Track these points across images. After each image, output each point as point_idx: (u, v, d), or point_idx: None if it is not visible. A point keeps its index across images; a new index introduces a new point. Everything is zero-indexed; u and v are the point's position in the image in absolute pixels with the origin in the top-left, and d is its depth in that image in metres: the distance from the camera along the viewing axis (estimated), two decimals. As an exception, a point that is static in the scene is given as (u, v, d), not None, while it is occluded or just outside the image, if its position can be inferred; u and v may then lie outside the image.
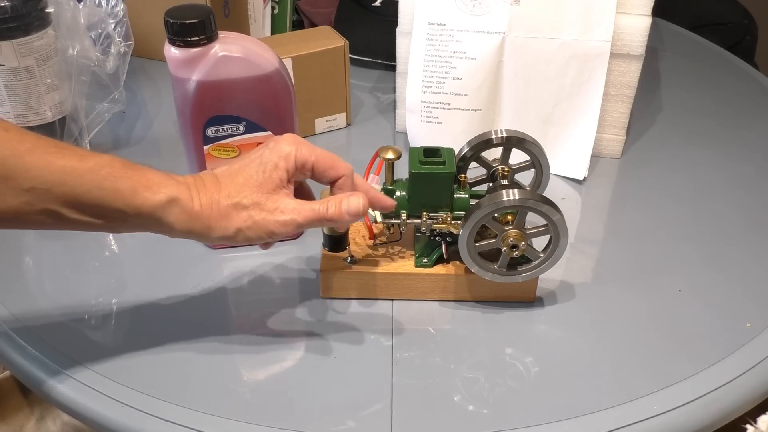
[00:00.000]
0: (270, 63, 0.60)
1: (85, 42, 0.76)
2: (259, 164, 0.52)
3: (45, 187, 0.46)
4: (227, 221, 0.50)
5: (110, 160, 0.48)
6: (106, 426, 0.53)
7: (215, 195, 0.50)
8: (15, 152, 0.45)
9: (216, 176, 0.52)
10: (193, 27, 0.56)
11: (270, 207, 0.51)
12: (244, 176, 0.51)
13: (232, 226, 0.50)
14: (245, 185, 0.51)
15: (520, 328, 0.61)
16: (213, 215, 0.50)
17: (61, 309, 0.62)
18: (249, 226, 0.51)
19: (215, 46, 0.58)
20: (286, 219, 0.51)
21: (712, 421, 0.54)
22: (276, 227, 0.51)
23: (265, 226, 0.51)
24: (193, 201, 0.50)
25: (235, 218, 0.50)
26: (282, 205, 0.51)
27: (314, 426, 0.52)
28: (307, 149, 0.53)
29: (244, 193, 0.51)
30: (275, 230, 0.51)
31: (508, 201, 0.55)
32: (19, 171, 0.45)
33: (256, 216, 0.51)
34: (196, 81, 0.58)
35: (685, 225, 0.72)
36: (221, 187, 0.51)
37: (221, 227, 0.50)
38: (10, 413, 0.82)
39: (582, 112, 0.77)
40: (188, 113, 0.60)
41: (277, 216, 0.51)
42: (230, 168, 0.52)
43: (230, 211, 0.50)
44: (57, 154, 0.46)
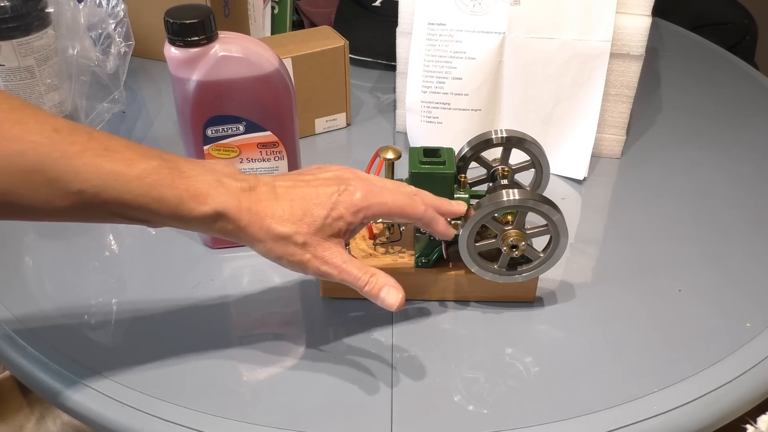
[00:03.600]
0: (270, 63, 0.60)
1: (85, 42, 0.76)
2: (326, 207, 0.50)
3: (93, 191, 0.45)
4: (271, 246, 0.50)
5: (158, 166, 0.47)
6: (106, 426, 0.53)
7: (268, 212, 0.50)
8: (65, 154, 0.45)
9: (275, 190, 0.51)
10: (193, 27, 0.56)
11: (318, 253, 0.51)
12: (305, 210, 0.50)
13: (274, 253, 0.50)
14: (303, 221, 0.50)
15: (520, 328, 0.61)
16: (260, 235, 0.50)
17: (61, 309, 0.62)
18: (290, 261, 0.51)
19: (215, 46, 0.58)
20: (327, 271, 0.51)
21: (712, 421, 0.54)
22: (314, 272, 0.51)
23: (305, 268, 0.51)
24: (241, 216, 0.49)
25: (279, 247, 0.50)
26: (329, 255, 0.51)
27: (314, 426, 0.52)
28: (378, 207, 0.52)
29: (300, 229, 0.50)
30: (312, 273, 0.51)
31: (508, 201, 0.55)
32: (68, 174, 0.45)
33: (301, 256, 0.50)
34: (196, 81, 0.58)
35: (685, 225, 0.72)
36: (276, 206, 0.50)
37: (264, 248, 0.50)
38: (10, 413, 0.82)
39: (582, 112, 0.77)
40: (188, 113, 0.60)
41: (320, 265, 0.51)
42: (294, 188, 0.51)
43: (278, 240, 0.50)
44: (106, 158, 0.46)
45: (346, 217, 0.51)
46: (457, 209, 0.57)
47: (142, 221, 0.48)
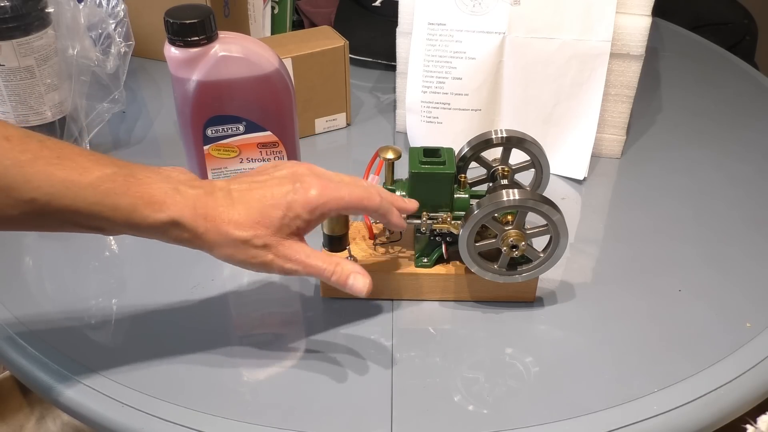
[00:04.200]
0: (270, 63, 0.60)
1: (85, 42, 0.76)
2: (282, 207, 0.50)
3: (46, 199, 0.45)
4: (232, 251, 0.50)
5: (113, 174, 0.47)
6: (106, 426, 0.53)
7: (225, 218, 0.49)
8: (16, 162, 0.44)
9: (231, 194, 0.50)
10: (193, 27, 0.56)
11: (280, 253, 0.51)
12: (261, 212, 0.50)
13: (235, 258, 0.50)
14: (260, 224, 0.50)
15: (520, 328, 0.61)
16: (218, 241, 0.49)
17: (61, 309, 0.62)
18: (253, 263, 0.51)
19: (215, 46, 0.58)
20: (292, 268, 0.51)
21: (712, 421, 0.54)
22: (279, 271, 0.51)
23: (269, 268, 0.51)
24: (197, 224, 0.49)
25: (241, 252, 0.50)
26: (291, 253, 0.51)
27: (314, 426, 0.52)
28: (335, 202, 0.52)
29: (258, 232, 0.50)
30: (278, 272, 0.52)
31: (508, 201, 0.55)
32: (19, 182, 0.44)
33: (263, 257, 0.50)
34: (196, 81, 0.58)
35: (685, 225, 0.72)
36: (233, 211, 0.50)
37: (224, 254, 0.50)
38: (10, 413, 0.82)
39: (582, 112, 0.77)
40: (188, 113, 0.60)
41: (284, 263, 0.51)
42: (249, 191, 0.51)
43: (238, 245, 0.50)
44: (59, 166, 0.45)
45: (302, 215, 0.51)
46: (409, 206, 0.58)
47: (97, 229, 0.48)
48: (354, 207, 0.53)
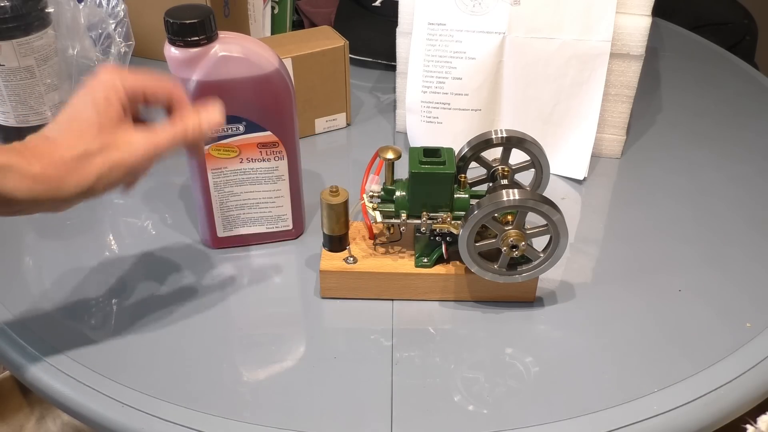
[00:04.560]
0: (270, 63, 0.60)
1: (85, 42, 0.76)
2: (90, 105, 0.48)
3: None
4: (81, 173, 0.47)
5: None
6: (106, 426, 0.53)
7: (54, 153, 0.46)
8: None
9: (46, 136, 0.48)
10: (193, 27, 0.56)
11: (121, 143, 0.48)
12: (79, 123, 0.48)
13: (89, 177, 0.47)
14: (85, 131, 0.47)
15: (520, 328, 0.61)
16: (60, 173, 0.46)
17: (61, 309, 0.62)
18: (108, 169, 0.47)
19: (215, 46, 0.58)
20: (144, 149, 0.48)
21: (712, 421, 0.54)
22: (136, 161, 0.48)
23: (125, 164, 0.48)
24: (31, 164, 0.45)
25: (88, 167, 0.47)
26: (132, 138, 0.48)
27: (314, 426, 0.52)
28: (131, 75, 0.50)
29: (87, 138, 0.47)
30: (137, 165, 0.49)
31: (508, 201, 0.55)
32: None
33: (112, 157, 0.47)
34: (196, 81, 0.58)
35: (685, 225, 0.72)
36: (58, 144, 0.47)
37: (75, 182, 0.47)
38: (10, 413, 0.82)
39: (582, 112, 0.77)
40: None
41: (133, 150, 0.48)
42: (59, 121, 0.49)
43: (80, 163, 0.47)
44: None
45: (111, 97, 0.48)
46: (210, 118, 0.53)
47: None
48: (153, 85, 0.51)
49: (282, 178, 0.65)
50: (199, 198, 0.65)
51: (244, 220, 0.67)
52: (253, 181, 0.65)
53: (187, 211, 0.72)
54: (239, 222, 0.67)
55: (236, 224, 0.67)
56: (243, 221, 0.67)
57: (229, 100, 0.60)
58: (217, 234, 0.67)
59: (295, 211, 0.67)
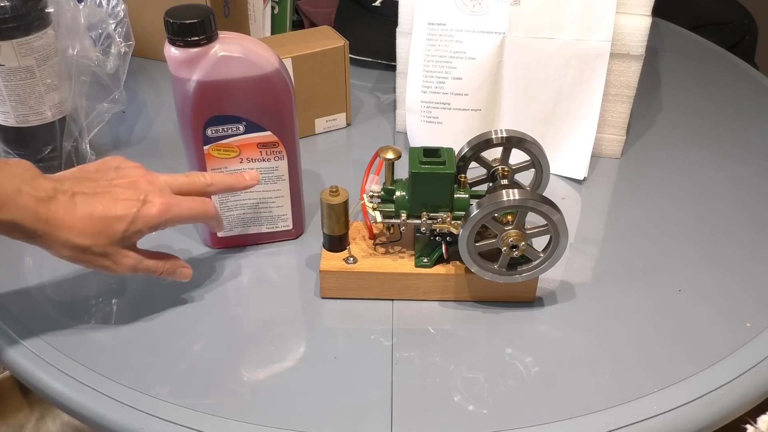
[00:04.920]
0: (270, 63, 0.60)
1: (85, 42, 0.76)
2: (125, 221, 0.54)
3: None
4: (69, 254, 0.53)
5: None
6: (106, 426, 0.53)
7: (66, 224, 0.52)
8: None
9: (74, 200, 0.53)
10: (193, 27, 0.56)
11: (117, 260, 0.55)
12: (104, 224, 0.53)
13: (72, 260, 0.53)
14: (102, 235, 0.53)
15: (520, 328, 0.61)
16: (57, 244, 0.52)
17: (61, 309, 0.62)
18: (89, 266, 0.54)
19: (215, 46, 0.58)
20: (126, 271, 0.56)
21: (712, 421, 0.54)
22: (114, 273, 0.56)
23: (106, 271, 0.55)
24: (38, 227, 0.51)
25: (78, 256, 0.53)
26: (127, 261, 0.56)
27: (314, 426, 0.52)
28: (175, 220, 0.57)
29: (98, 242, 0.53)
30: (112, 273, 0.56)
31: (508, 201, 0.55)
32: None
33: (101, 262, 0.54)
34: (196, 81, 0.58)
35: (685, 225, 0.72)
36: (75, 218, 0.52)
37: (61, 255, 0.53)
38: (10, 413, 0.82)
39: (582, 112, 0.77)
40: (188, 113, 0.60)
41: (119, 268, 0.55)
42: (92, 197, 0.54)
43: (77, 250, 0.53)
44: None
45: (143, 230, 0.55)
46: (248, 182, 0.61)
47: None
48: (192, 221, 0.61)
49: (282, 178, 0.65)
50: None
51: (244, 221, 0.67)
52: None
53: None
54: (239, 222, 0.67)
55: (236, 224, 0.67)
56: (243, 221, 0.67)
57: (229, 100, 0.60)
58: (217, 234, 0.67)
59: (295, 211, 0.67)
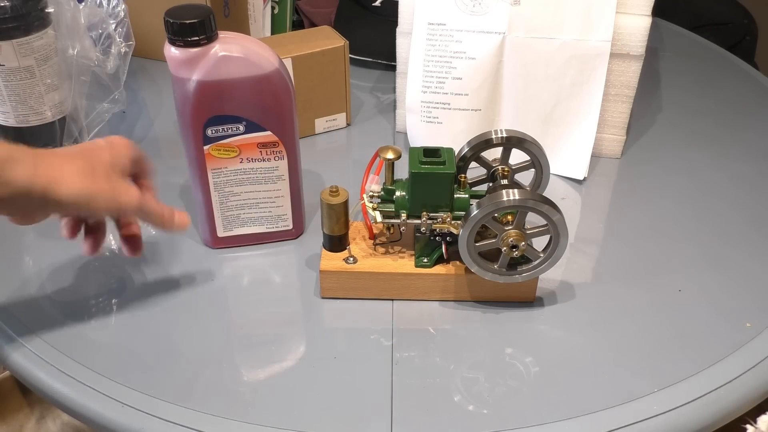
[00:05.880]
0: (270, 63, 0.60)
1: (85, 42, 0.76)
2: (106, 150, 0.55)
3: None
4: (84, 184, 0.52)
5: None
6: (106, 426, 0.53)
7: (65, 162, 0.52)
8: None
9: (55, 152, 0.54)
10: (193, 27, 0.56)
11: (122, 187, 0.55)
12: (92, 157, 0.54)
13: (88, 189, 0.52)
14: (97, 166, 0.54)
15: (520, 328, 0.61)
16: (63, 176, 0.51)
17: (61, 309, 0.62)
18: (108, 194, 0.54)
19: (215, 46, 0.58)
20: (137, 201, 0.55)
21: (712, 421, 0.54)
22: (127, 205, 0.55)
23: (120, 202, 0.55)
24: (40, 160, 0.51)
25: (91, 184, 0.53)
26: (132, 189, 0.56)
27: (314, 426, 0.52)
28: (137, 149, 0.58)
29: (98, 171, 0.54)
30: (127, 208, 0.55)
31: (508, 201, 0.55)
32: None
33: (115, 189, 0.54)
34: (196, 81, 0.58)
35: (685, 225, 0.72)
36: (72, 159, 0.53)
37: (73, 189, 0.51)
38: (10, 413, 0.82)
39: (582, 112, 0.77)
40: (188, 113, 0.60)
41: (130, 197, 0.55)
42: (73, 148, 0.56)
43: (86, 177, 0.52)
44: None
45: (125, 155, 0.56)
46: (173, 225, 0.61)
47: None
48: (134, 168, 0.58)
49: (282, 178, 0.65)
50: (199, 198, 0.65)
51: (244, 220, 0.67)
52: (253, 181, 0.65)
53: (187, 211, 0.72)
54: (239, 222, 0.67)
55: (236, 224, 0.67)
56: (243, 221, 0.67)
57: (229, 99, 0.60)
58: (217, 234, 0.67)
59: (295, 211, 0.67)
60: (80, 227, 0.59)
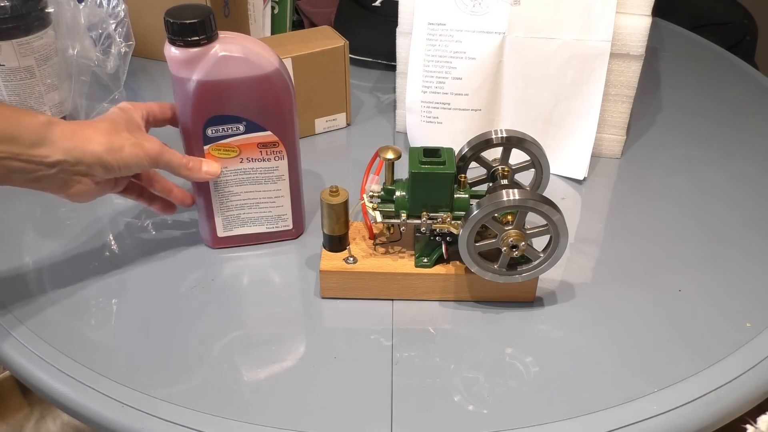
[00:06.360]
0: (270, 63, 0.60)
1: (85, 42, 0.76)
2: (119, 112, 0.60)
3: None
4: (111, 138, 0.57)
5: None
6: (106, 426, 0.53)
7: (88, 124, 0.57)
8: None
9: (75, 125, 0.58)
10: (193, 27, 0.56)
11: (143, 138, 0.59)
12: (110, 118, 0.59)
13: (117, 142, 0.57)
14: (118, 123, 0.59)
15: (520, 328, 0.61)
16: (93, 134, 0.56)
17: (61, 309, 0.62)
18: (131, 145, 0.58)
19: (215, 46, 0.58)
20: (158, 149, 0.59)
21: (712, 421, 0.54)
22: (150, 154, 0.59)
23: (143, 150, 0.58)
24: (66, 125, 0.56)
25: (117, 138, 0.57)
26: (151, 139, 0.60)
27: (314, 426, 0.52)
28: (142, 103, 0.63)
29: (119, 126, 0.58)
30: (149, 158, 0.59)
31: (508, 201, 0.55)
32: None
33: (139, 139, 0.58)
34: (196, 81, 0.58)
35: (685, 225, 0.72)
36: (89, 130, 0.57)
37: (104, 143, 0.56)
38: (10, 413, 0.82)
39: (582, 112, 0.77)
40: (188, 113, 0.60)
41: (151, 146, 0.59)
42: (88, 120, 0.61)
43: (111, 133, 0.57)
44: None
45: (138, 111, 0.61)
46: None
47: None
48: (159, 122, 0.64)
49: (282, 178, 0.65)
50: (199, 198, 0.65)
51: (244, 220, 0.67)
52: (253, 181, 0.65)
53: (187, 211, 0.72)
54: (239, 222, 0.67)
55: (236, 224, 0.67)
56: (243, 221, 0.67)
57: (229, 99, 0.60)
58: (218, 234, 0.67)
59: (295, 211, 0.67)
60: (143, 194, 0.65)
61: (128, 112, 0.60)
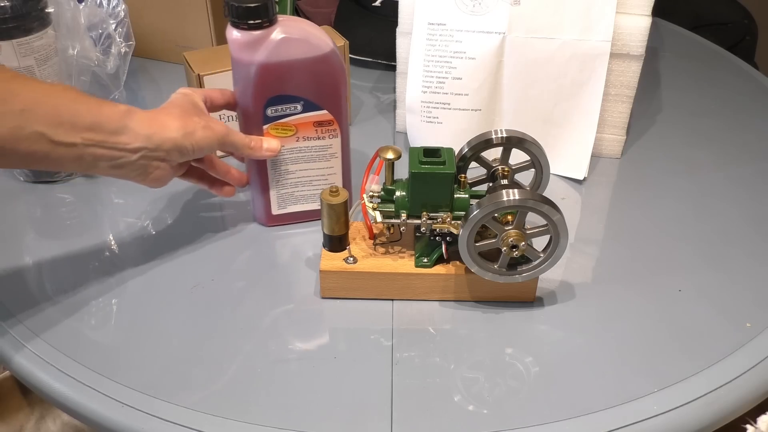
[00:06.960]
0: (327, 44, 0.62)
1: (85, 42, 0.76)
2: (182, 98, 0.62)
3: (33, 107, 0.51)
4: (184, 122, 0.59)
5: (66, 86, 0.56)
6: (106, 426, 0.53)
7: (161, 111, 0.59)
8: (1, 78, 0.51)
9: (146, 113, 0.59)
10: (257, 10, 0.58)
11: (210, 121, 0.61)
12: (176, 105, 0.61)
13: (191, 126, 0.59)
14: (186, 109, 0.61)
15: (520, 328, 0.61)
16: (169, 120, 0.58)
17: (61, 309, 0.62)
18: (202, 128, 0.60)
19: (276, 29, 0.60)
20: (224, 131, 0.61)
21: (712, 421, 0.54)
22: (218, 135, 0.61)
23: (213, 131, 0.60)
24: (144, 113, 0.58)
25: (190, 122, 0.59)
26: (216, 122, 0.62)
27: (314, 426, 0.52)
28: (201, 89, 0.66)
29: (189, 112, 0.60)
30: (217, 139, 0.61)
31: (508, 201, 0.55)
32: (9, 95, 0.50)
33: (208, 122, 0.60)
34: (258, 63, 0.60)
35: (685, 225, 0.72)
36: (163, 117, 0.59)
37: (180, 128, 0.58)
38: (10, 413, 0.82)
39: (582, 112, 0.77)
40: (250, 94, 0.62)
41: (218, 127, 0.61)
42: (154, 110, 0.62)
43: (183, 118, 0.59)
44: (29, 80, 0.54)
45: (193, 93, 0.62)
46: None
47: (74, 143, 0.53)
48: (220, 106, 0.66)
49: (335, 155, 0.67)
50: (255, 177, 0.67)
51: (297, 198, 0.68)
52: (308, 159, 0.66)
53: (188, 211, 0.72)
54: (293, 200, 0.69)
55: (290, 202, 0.69)
56: (296, 199, 0.68)
57: (289, 80, 0.62)
58: (272, 212, 0.68)
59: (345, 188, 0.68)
60: (204, 177, 0.67)
61: (191, 97, 0.62)
